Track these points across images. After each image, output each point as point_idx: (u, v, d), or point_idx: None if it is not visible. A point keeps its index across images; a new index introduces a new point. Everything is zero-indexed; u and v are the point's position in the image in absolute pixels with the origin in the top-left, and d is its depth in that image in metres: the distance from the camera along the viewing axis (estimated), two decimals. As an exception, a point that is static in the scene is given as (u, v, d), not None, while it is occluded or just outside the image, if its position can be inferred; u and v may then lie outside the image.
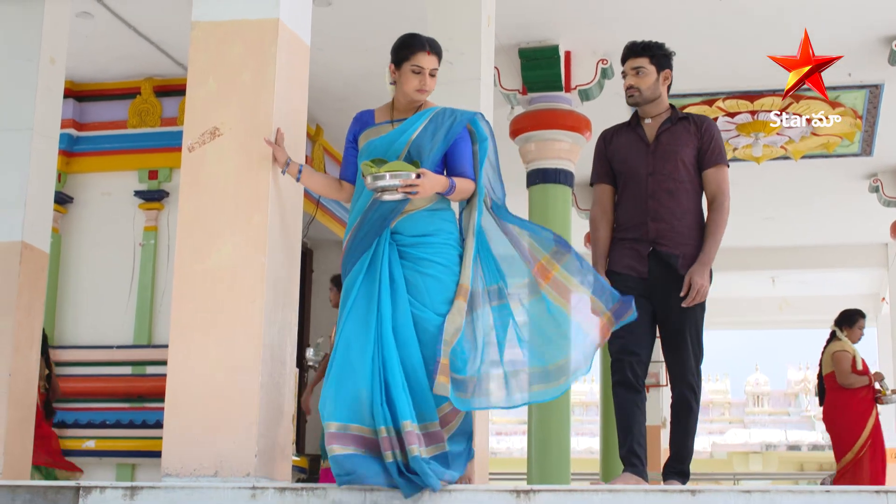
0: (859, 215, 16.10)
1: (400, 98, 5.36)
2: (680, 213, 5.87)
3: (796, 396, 34.97)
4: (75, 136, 11.38)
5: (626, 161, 6.05)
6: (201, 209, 5.31)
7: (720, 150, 6.01)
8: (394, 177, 4.95)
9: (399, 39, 5.41)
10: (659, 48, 6.09)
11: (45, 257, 7.97)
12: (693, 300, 5.69)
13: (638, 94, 6.04)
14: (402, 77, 5.30)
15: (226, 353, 5.16)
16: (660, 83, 6.05)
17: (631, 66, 6.07)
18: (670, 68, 6.13)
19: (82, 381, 10.92)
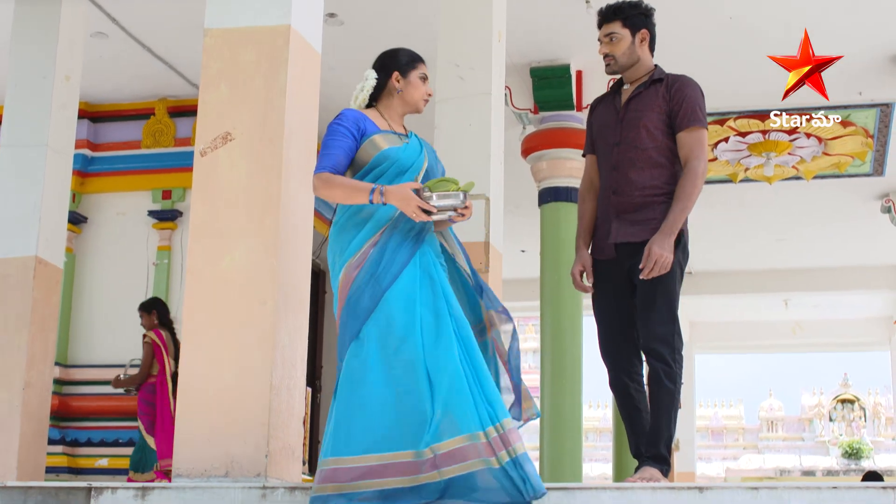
0: (872, 236, 16.08)
1: (396, 108, 5.16)
2: (640, 186, 5.38)
3: (811, 422, 34.86)
4: (90, 156, 11.47)
5: (599, 131, 5.64)
6: (213, 213, 5.34)
7: (692, 110, 5.42)
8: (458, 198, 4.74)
9: (392, 51, 5.25)
10: (631, 7, 5.59)
11: (59, 272, 8.03)
12: (651, 272, 5.17)
13: (613, 61, 5.57)
14: (409, 85, 5.15)
15: (237, 356, 5.18)
16: (636, 46, 5.55)
17: (604, 34, 5.58)
18: (647, 27, 5.62)
19: (95, 400, 10.98)
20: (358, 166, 4.90)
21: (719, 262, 17.79)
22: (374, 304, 4.65)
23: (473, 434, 4.39)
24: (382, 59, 5.22)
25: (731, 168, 13.28)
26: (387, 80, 5.14)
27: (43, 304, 7.85)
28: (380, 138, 4.95)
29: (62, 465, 10.61)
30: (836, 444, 33.31)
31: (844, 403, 34.96)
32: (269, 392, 5.10)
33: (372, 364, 4.57)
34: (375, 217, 4.80)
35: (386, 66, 5.17)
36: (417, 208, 4.62)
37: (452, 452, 4.38)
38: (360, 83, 5.16)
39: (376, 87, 5.15)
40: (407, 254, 4.76)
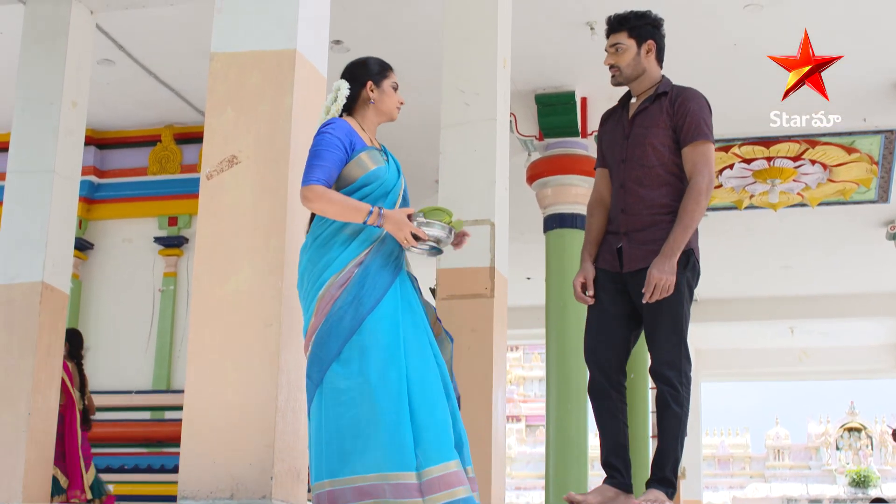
0: (877, 263, 16.09)
1: (371, 119, 5.09)
2: (649, 204, 5.30)
3: (817, 450, 34.78)
4: (96, 182, 11.51)
5: (608, 146, 5.55)
6: (219, 235, 5.36)
7: (696, 125, 5.30)
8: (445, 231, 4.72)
9: (363, 60, 5.17)
10: (638, 18, 5.48)
11: (66, 298, 8.05)
12: (652, 296, 5.07)
13: (618, 72, 5.46)
14: (383, 94, 5.08)
15: (242, 377, 5.19)
16: (642, 57, 5.44)
17: (609, 44, 5.47)
18: (654, 38, 5.50)
19: (101, 426, 10.94)
20: (344, 182, 4.82)
21: (725, 289, 17.79)
22: (357, 325, 4.62)
23: (454, 462, 4.44)
24: (352, 68, 5.12)
25: (736, 195, 13.30)
26: (360, 90, 5.04)
27: (49, 329, 7.87)
28: (366, 156, 4.87)
29: (67, 491, 10.60)
30: (843, 473, 33.22)
31: (851, 432, 34.90)
32: (275, 414, 5.10)
33: (360, 385, 4.55)
34: (360, 237, 4.76)
35: (357, 75, 5.07)
36: (410, 234, 4.61)
37: (438, 479, 4.40)
38: (331, 94, 5.07)
39: (349, 98, 5.04)
40: (389, 278, 4.73)
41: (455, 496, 4.38)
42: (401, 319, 4.67)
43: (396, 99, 5.11)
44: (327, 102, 5.05)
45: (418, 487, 4.37)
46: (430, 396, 4.52)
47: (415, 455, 4.41)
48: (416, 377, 4.55)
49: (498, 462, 7.50)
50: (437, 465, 4.40)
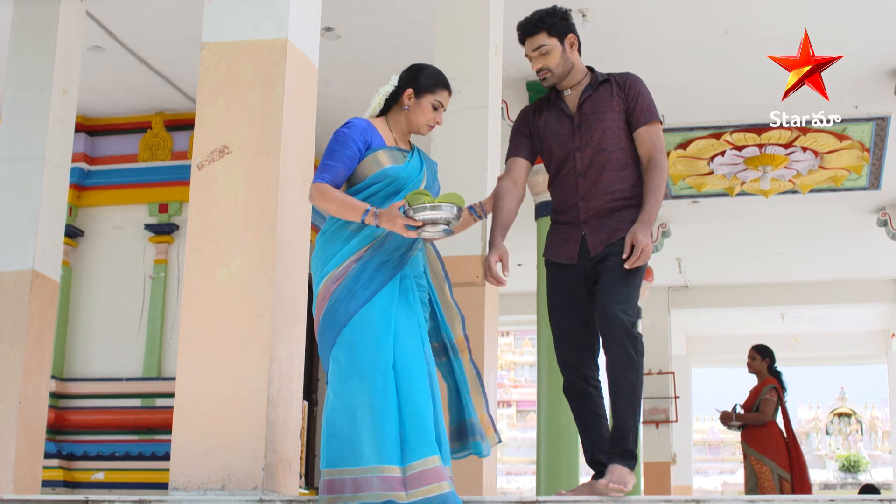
0: (868, 250, 16.11)
1: (402, 125, 5.07)
2: (610, 189, 5.26)
3: (807, 435, 34.81)
4: (86, 170, 11.47)
5: (552, 138, 5.42)
6: (210, 226, 5.34)
7: (648, 106, 5.34)
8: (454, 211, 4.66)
9: (422, 67, 5.13)
10: (552, 15, 5.40)
11: (56, 286, 8.04)
12: (637, 260, 5.03)
13: (549, 74, 5.38)
14: (418, 107, 5.02)
15: (234, 368, 5.18)
16: (568, 52, 5.36)
17: (531, 48, 5.40)
18: (572, 31, 5.43)
19: (92, 414, 10.96)
20: (357, 179, 4.87)
21: (716, 275, 17.82)
22: (347, 318, 4.65)
23: (436, 458, 4.46)
24: (409, 69, 5.13)
25: (727, 182, 13.29)
26: (401, 93, 5.05)
27: (39, 317, 7.85)
28: (384, 155, 4.89)
29: (58, 478, 10.58)
30: (834, 458, 33.30)
31: (841, 417, 34.97)
32: (266, 405, 5.10)
33: (350, 377, 4.59)
34: (362, 234, 4.78)
35: (406, 78, 5.07)
36: (403, 226, 4.58)
37: (420, 474, 4.42)
38: (383, 86, 5.11)
39: (391, 95, 5.07)
40: (388, 274, 4.74)
41: (434, 492, 4.41)
42: (394, 314, 4.67)
43: (430, 117, 5.04)
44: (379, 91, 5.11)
45: (402, 481, 4.40)
46: (415, 392, 4.53)
47: (400, 449, 4.44)
48: (403, 372, 4.56)
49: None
50: (419, 459, 4.43)
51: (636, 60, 10.48)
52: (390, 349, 4.58)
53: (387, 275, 4.73)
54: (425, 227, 4.61)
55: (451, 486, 4.44)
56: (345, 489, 4.50)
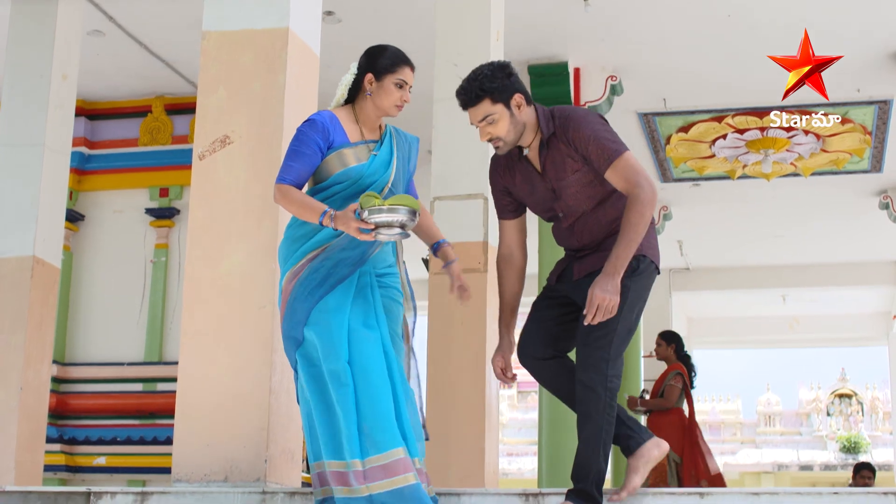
0: (869, 232, 16.08)
1: (369, 111, 4.87)
2: (604, 223, 4.87)
3: (808, 416, 34.86)
4: (87, 154, 11.45)
5: (531, 200, 5.03)
6: (212, 216, 5.33)
7: (603, 146, 4.73)
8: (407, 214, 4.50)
9: (377, 49, 4.92)
10: (491, 79, 4.76)
11: (57, 272, 8.03)
12: (594, 317, 4.59)
13: (501, 143, 4.83)
14: (381, 89, 4.82)
15: (236, 359, 5.18)
16: (517, 115, 4.78)
17: (476, 119, 4.81)
18: (517, 89, 4.82)
19: (93, 398, 10.96)
20: (320, 176, 4.76)
21: (717, 257, 17.81)
22: (306, 316, 4.60)
23: (399, 450, 4.42)
24: (365, 54, 4.94)
25: (728, 165, 13.27)
26: (362, 80, 4.88)
27: (40, 304, 7.84)
28: (348, 153, 4.76)
29: (60, 463, 10.59)
30: (834, 439, 33.31)
31: (842, 398, 34.98)
32: (269, 396, 5.10)
33: (315, 376, 4.58)
34: (323, 233, 4.68)
35: (364, 63, 4.90)
36: (357, 229, 4.45)
37: (381, 467, 4.39)
38: (344, 75, 4.92)
39: (354, 83, 4.89)
40: (345, 271, 4.66)
41: (400, 483, 4.37)
42: (349, 311, 4.61)
43: (397, 97, 4.83)
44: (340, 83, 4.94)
45: (363, 474, 4.39)
46: (373, 386, 4.49)
47: (359, 443, 4.43)
48: (358, 367, 4.52)
49: (492, 431, 7.52)
50: (380, 453, 4.39)
51: (637, 44, 10.47)
52: (344, 345, 4.53)
53: (344, 272, 4.66)
54: (380, 230, 4.48)
55: (416, 478, 4.40)
56: (331, 482, 4.54)
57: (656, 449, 4.80)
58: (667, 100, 11.72)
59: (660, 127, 12.45)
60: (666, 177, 13.94)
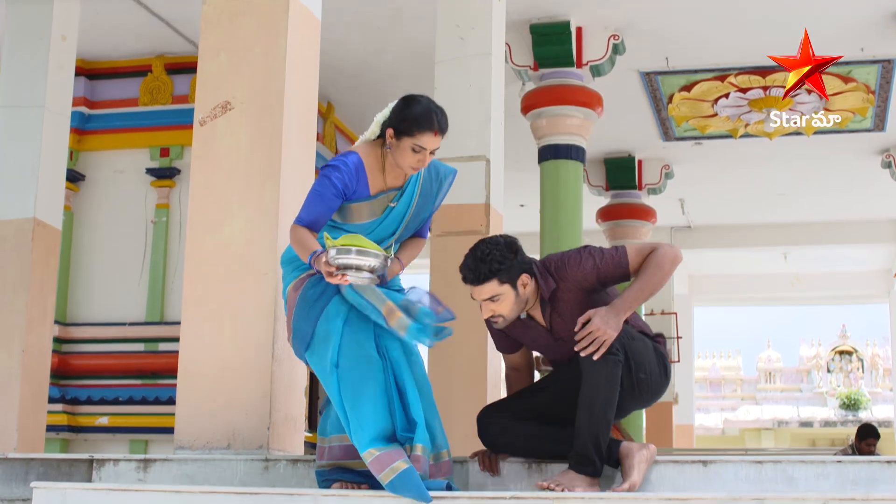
0: (872, 191, 16.06)
1: (391, 160, 4.69)
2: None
3: (808, 373, 34.88)
4: (87, 114, 11.40)
5: (532, 345, 4.98)
6: (213, 183, 5.31)
7: (608, 260, 4.73)
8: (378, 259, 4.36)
9: (407, 102, 4.70)
10: (501, 259, 4.68)
11: (58, 234, 8.01)
12: (586, 341, 4.50)
13: (502, 319, 4.76)
14: (398, 149, 4.63)
15: (238, 327, 5.17)
16: (521, 294, 4.72)
17: (481, 297, 4.72)
18: (524, 270, 4.73)
19: (95, 358, 10.97)
20: (340, 215, 4.73)
21: (719, 216, 17.78)
22: (312, 328, 4.55)
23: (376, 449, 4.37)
24: (398, 103, 4.72)
25: (731, 124, 13.23)
26: (385, 129, 4.69)
27: (41, 266, 7.83)
28: (364, 207, 4.70)
29: (62, 423, 10.61)
30: (834, 395, 33.34)
31: (842, 355, 34.99)
32: (271, 363, 5.09)
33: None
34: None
35: (390, 115, 4.70)
36: (327, 274, 4.34)
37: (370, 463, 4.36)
38: (383, 110, 4.73)
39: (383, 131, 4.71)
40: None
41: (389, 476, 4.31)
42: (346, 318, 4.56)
43: (413, 160, 4.63)
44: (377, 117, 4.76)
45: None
46: (360, 391, 4.44)
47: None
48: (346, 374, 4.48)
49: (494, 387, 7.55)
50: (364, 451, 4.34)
51: (639, 3, 10.42)
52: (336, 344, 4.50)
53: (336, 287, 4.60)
54: (348, 273, 4.30)
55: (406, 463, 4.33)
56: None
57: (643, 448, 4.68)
58: (669, 59, 11.66)
59: (662, 86, 12.40)
60: (668, 136, 13.91)
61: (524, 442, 4.83)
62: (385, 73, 11.73)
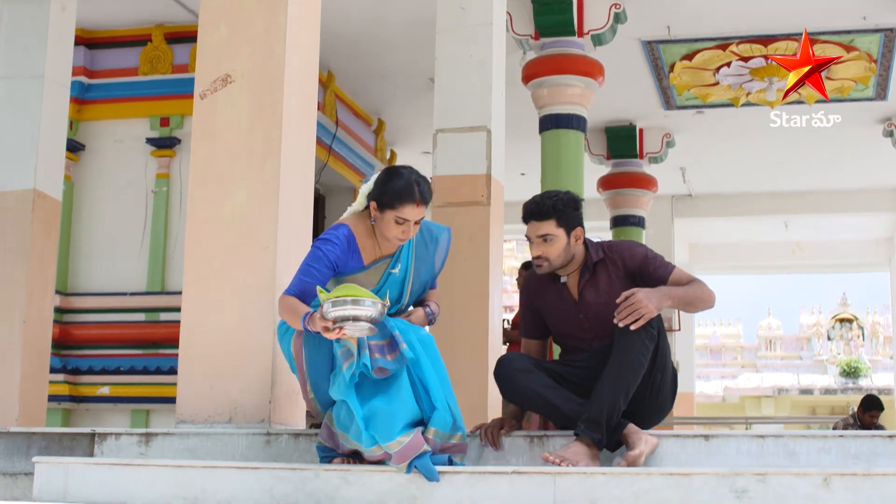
0: (873, 160, 16.02)
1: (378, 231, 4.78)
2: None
3: (808, 340, 34.93)
4: (86, 83, 11.35)
5: (563, 327, 5.15)
6: (214, 157, 5.29)
7: (661, 265, 5.01)
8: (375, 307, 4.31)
9: (387, 175, 4.76)
10: (565, 204, 5.01)
11: (58, 205, 8.00)
12: (627, 314, 4.68)
13: (547, 263, 5.01)
14: (382, 221, 4.69)
15: (239, 301, 5.16)
16: (571, 245, 5.01)
17: (534, 233, 5.01)
18: (581, 223, 5.06)
19: (96, 328, 10.96)
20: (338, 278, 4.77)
21: (720, 184, 17.76)
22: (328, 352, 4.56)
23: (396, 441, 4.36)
24: (378, 177, 4.80)
25: (732, 92, 13.19)
26: (369, 202, 4.78)
27: (42, 237, 7.82)
28: (361, 278, 4.73)
29: (64, 393, 10.61)
30: (834, 363, 33.40)
31: (843, 322, 35.02)
32: (272, 337, 5.08)
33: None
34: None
35: (372, 189, 4.77)
36: (322, 328, 4.32)
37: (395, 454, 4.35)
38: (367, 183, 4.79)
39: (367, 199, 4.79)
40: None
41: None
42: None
43: (398, 230, 4.69)
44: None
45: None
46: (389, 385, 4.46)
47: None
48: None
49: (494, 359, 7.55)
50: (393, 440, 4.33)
51: (642, -28, 10.39)
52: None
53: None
54: (346, 325, 4.27)
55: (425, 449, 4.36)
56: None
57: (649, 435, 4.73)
58: (671, 27, 11.61)
59: (663, 55, 12.35)
60: (669, 104, 13.87)
61: (541, 389, 4.90)
62: (386, 41, 11.69)
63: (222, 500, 4.07)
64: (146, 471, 4.30)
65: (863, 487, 3.67)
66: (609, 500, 3.80)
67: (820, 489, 3.69)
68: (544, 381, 4.92)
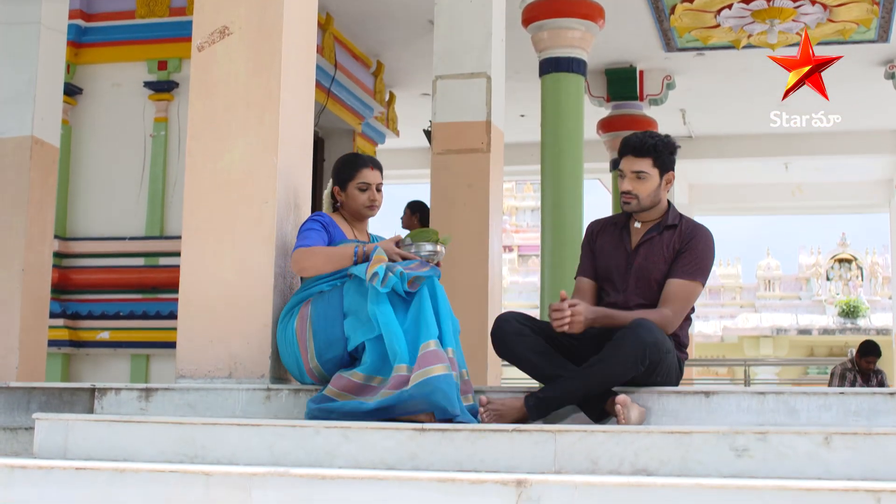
0: (874, 101, 15.97)
1: (349, 217, 5.28)
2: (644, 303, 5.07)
3: (807, 281, 34.98)
4: (83, 26, 11.26)
5: (606, 268, 5.21)
6: (212, 110, 5.25)
7: (694, 263, 5.04)
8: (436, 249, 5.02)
9: (337, 161, 5.31)
10: (665, 145, 5.11)
11: (56, 152, 7.97)
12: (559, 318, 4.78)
13: (636, 201, 5.12)
14: (349, 197, 5.22)
15: (239, 255, 5.14)
16: (661, 188, 5.14)
17: (630, 168, 5.10)
18: (673, 169, 5.17)
19: (95, 273, 10.93)
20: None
21: (720, 126, 17.70)
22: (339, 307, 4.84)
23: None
24: (333, 170, 5.30)
25: (734, 34, 13.10)
26: (334, 193, 5.29)
27: (40, 184, 7.79)
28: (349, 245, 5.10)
29: (63, 338, 10.61)
30: (833, 303, 33.46)
31: (842, 263, 35.08)
32: (272, 292, 5.07)
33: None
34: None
35: (333, 179, 5.28)
36: (397, 255, 4.85)
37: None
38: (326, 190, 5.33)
39: (332, 196, 5.30)
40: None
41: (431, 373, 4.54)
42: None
43: (364, 198, 5.22)
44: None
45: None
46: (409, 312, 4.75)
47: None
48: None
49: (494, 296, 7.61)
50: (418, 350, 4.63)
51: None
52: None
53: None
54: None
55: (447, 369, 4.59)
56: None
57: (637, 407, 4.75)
58: (672, -30, 11.54)
59: (664, -3, 12.29)
60: (670, 46, 13.79)
61: (530, 354, 4.93)
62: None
63: (222, 457, 4.07)
64: (146, 428, 4.30)
65: (863, 446, 3.67)
66: (609, 457, 3.80)
67: (821, 448, 3.69)
68: (537, 345, 4.94)
